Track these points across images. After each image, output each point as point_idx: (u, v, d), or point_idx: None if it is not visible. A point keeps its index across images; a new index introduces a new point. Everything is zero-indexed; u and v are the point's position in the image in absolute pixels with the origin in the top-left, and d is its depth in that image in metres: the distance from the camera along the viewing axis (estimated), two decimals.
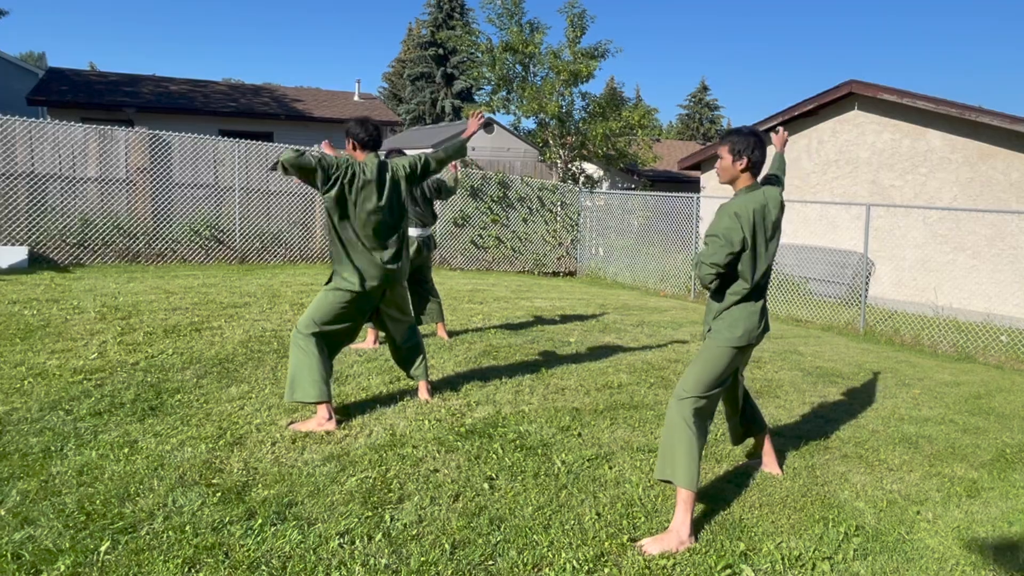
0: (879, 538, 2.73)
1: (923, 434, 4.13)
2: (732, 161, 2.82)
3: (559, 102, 12.73)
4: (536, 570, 2.32)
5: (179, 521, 2.44)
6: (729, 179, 2.87)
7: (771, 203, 2.83)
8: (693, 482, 2.58)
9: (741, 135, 2.82)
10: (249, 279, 8.03)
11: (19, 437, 3.05)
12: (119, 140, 8.93)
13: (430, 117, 37.39)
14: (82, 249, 8.57)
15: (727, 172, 2.85)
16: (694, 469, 2.59)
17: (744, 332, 2.74)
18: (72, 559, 2.16)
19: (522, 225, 11.98)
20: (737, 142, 2.81)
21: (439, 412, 3.77)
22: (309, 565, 2.24)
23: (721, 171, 2.87)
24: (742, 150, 2.81)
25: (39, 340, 4.61)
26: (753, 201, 2.77)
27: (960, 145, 9.64)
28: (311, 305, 3.50)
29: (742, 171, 2.83)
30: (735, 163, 2.82)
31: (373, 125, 3.57)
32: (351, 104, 18.05)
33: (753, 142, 2.80)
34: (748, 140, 2.80)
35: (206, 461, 2.96)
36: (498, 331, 5.94)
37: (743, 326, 2.74)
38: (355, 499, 2.71)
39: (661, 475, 2.66)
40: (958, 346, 7.61)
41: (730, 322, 2.75)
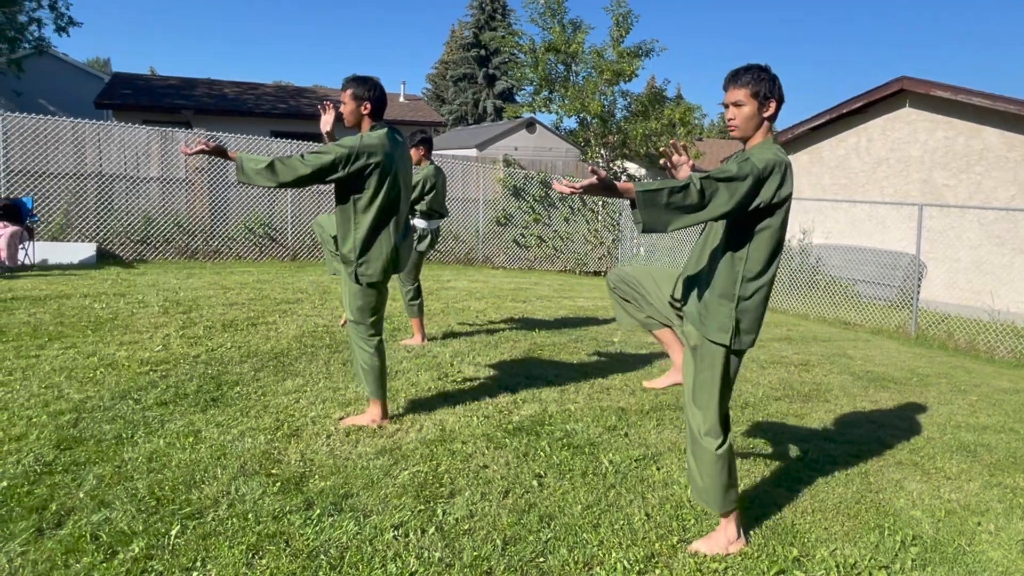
0: (938, 548, 2.68)
1: (982, 442, 4.00)
2: (757, 108, 2.26)
3: (601, 101, 12.69)
4: (587, 569, 2.35)
5: (242, 509, 2.56)
6: (751, 132, 2.29)
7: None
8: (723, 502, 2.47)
9: (760, 70, 2.26)
10: (301, 276, 8.26)
11: (93, 424, 3.22)
12: (179, 141, 9.28)
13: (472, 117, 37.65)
14: (145, 246, 8.95)
15: (750, 122, 2.26)
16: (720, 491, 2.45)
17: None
18: (145, 541, 2.28)
19: (564, 224, 11.99)
20: (759, 81, 2.24)
21: (487, 409, 3.83)
22: (366, 556, 2.32)
23: (742, 122, 2.27)
24: (770, 92, 2.25)
25: (108, 332, 4.85)
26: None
27: (1019, 143, 9.26)
28: (348, 308, 3.37)
29: (768, 119, 2.28)
30: (762, 109, 2.26)
31: (377, 83, 3.26)
32: (397, 105, 18.32)
33: (776, 79, 2.27)
34: (772, 78, 2.27)
35: (265, 452, 3.08)
36: (542, 330, 5.98)
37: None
38: (408, 492, 2.78)
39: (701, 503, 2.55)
40: (1017, 352, 7.33)
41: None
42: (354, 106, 3.25)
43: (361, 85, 3.25)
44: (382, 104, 3.29)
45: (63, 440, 3.01)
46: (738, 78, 2.28)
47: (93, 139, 8.77)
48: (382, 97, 3.29)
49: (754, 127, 2.28)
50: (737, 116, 2.28)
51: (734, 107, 2.28)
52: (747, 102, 2.25)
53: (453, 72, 39.32)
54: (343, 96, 3.27)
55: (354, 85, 3.24)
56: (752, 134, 2.29)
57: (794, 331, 7.68)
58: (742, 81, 2.26)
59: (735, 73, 2.30)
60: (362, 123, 3.30)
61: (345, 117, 3.31)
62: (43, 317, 5.17)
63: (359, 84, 3.25)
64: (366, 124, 3.30)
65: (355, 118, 3.28)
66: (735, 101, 2.27)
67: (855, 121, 11.10)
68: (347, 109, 3.26)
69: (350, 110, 3.26)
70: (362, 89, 3.24)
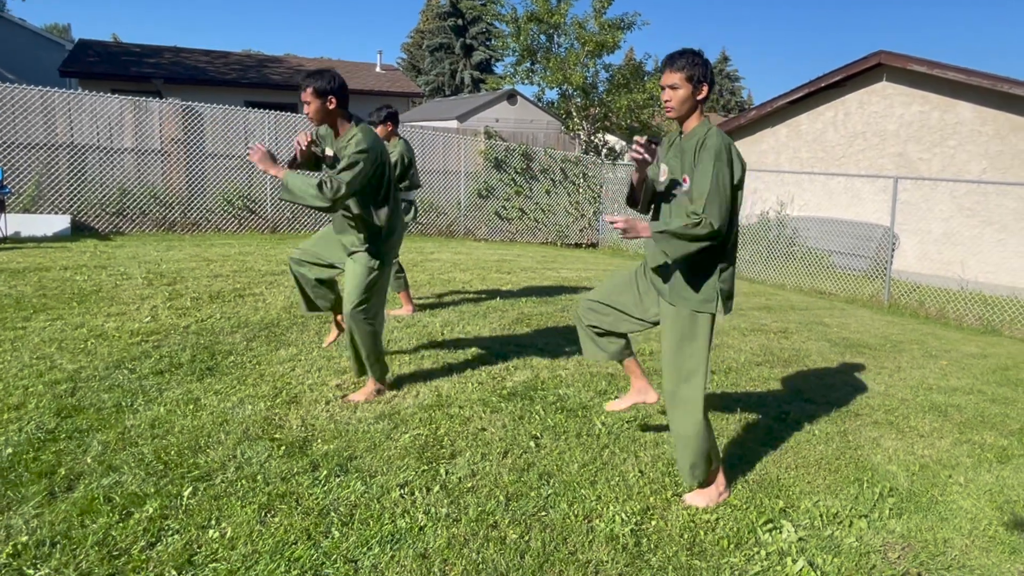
0: (913, 499, 2.84)
1: (952, 403, 4.21)
2: (692, 91, 2.39)
3: (583, 73, 12.65)
4: (587, 521, 2.47)
5: (250, 471, 2.61)
6: (687, 113, 2.43)
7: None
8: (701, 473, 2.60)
9: (694, 55, 2.39)
10: (283, 247, 8.20)
11: (91, 393, 3.23)
12: (153, 111, 9.07)
13: (449, 88, 37.17)
14: (121, 218, 8.79)
15: (685, 104, 2.40)
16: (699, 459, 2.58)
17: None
18: (158, 503, 2.33)
19: (545, 197, 12.02)
20: (693, 65, 2.37)
21: (480, 375, 3.91)
22: (375, 513, 2.40)
23: (677, 104, 2.40)
24: (703, 76, 2.39)
25: (94, 304, 4.80)
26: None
27: (991, 117, 9.50)
28: (357, 290, 3.29)
29: (700, 101, 2.42)
30: (696, 92, 2.40)
31: (335, 74, 3.16)
32: (373, 75, 18.03)
33: (708, 64, 2.41)
34: (705, 61, 2.39)
35: (266, 418, 3.13)
36: (528, 300, 6.07)
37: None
38: (410, 454, 2.86)
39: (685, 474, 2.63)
40: (984, 319, 7.62)
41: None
42: (319, 103, 3.09)
43: (320, 79, 3.08)
44: (346, 94, 3.16)
45: (63, 408, 3.02)
46: (673, 62, 2.40)
47: (63, 108, 8.52)
48: (344, 86, 3.16)
49: (688, 109, 2.42)
50: (673, 98, 2.41)
51: (670, 90, 2.41)
52: (682, 85, 2.38)
53: (429, 42, 38.68)
54: (304, 96, 3.08)
55: (313, 81, 3.07)
56: (687, 115, 2.44)
57: (772, 300, 7.88)
58: (677, 65, 2.39)
59: (671, 57, 2.42)
60: (334, 119, 3.17)
61: (312, 116, 3.14)
62: (24, 290, 5.09)
63: (318, 78, 3.08)
64: (338, 118, 3.17)
65: (323, 114, 3.13)
66: (671, 84, 2.40)
67: (833, 95, 11.25)
68: (312, 108, 3.10)
69: (315, 108, 3.10)
70: (322, 82, 3.07)
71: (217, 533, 2.19)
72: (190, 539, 2.15)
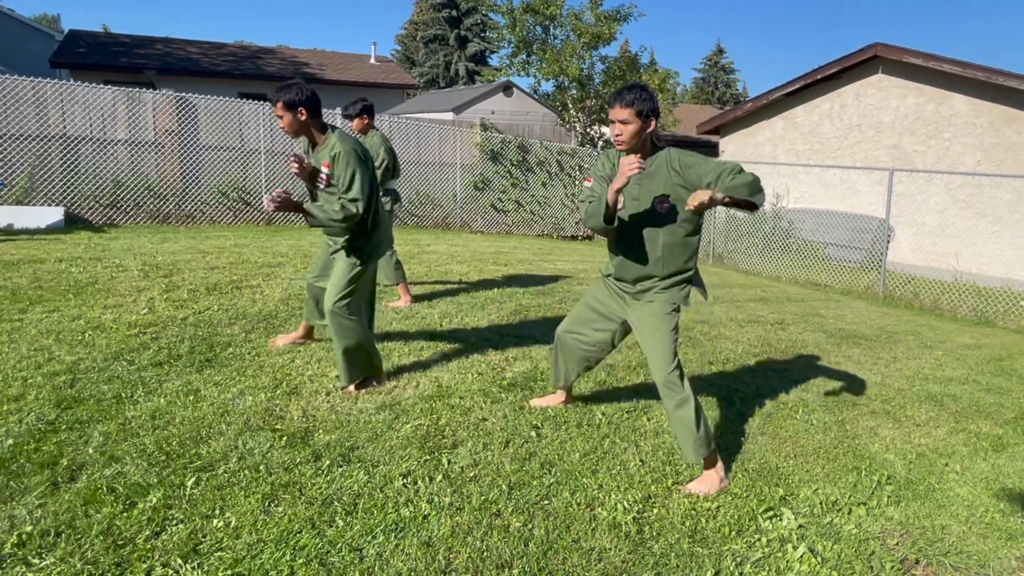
0: (910, 487, 2.87)
1: (947, 393, 4.24)
2: (641, 125, 2.53)
3: (579, 65, 12.62)
4: (589, 509, 2.48)
5: (252, 461, 2.62)
6: (639, 144, 2.58)
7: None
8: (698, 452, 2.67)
9: (642, 90, 2.51)
10: (278, 240, 8.18)
11: (91, 384, 3.22)
12: (146, 103, 9.00)
13: (444, 80, 37.01)
14: (115, 210, 8.73)
15: (637, 137, 2.54)
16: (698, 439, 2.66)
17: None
18: (162, 493, 2.33)
19: (541, 189, 12.01)
20: (642, 100, 2.50)
21: (479, 366, 3.92)
22: (378, 502, 2.40)
23: (628, 138, 2.55)
24: (652, 109, 2.51)
25: (90, 296, 4.78)
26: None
27: (986, 110, 9.54)
28: (340, 283, 3.35)
29: (650, 133, 2.58)
30: (645, 126, 2.54)
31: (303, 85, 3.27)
32: (368, 67, 17.94)
33: (655, 97, 2.58)
34: (652, 96, 2.54)
35: (267, 409, 3.13)
36: (526, 292, 6.07)
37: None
38: (412, 444, 2.87)
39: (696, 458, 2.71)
40: (978, 311, 7.68)
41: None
42: (291, 116, 3.21)
43: (288, 91, 3.19)
44: (317, 103, 3.27)
45: (62, 400, 3.01)
46: (622, 98, 2.51)
47: (56, 99, 8.45)
48: (314, 96, 3.26)
49: (640, 142, 2.56)
50: (624, 132, 2.54)
51: (620, 124, 2.53)
52: (632, 120, 2.51)
53: (423, 33, 38.46)
54: (276, 110, 3.22)
55: (283, 95, 3.19)
56: (639, 147, 2.58)
57: (768, 292, 7.92)
58: (626, 101, 2.50)
59: (619, 94, 2.54)
60: (308, 129, 3.30)
61: (287, 130, 3.26)
62: (20, 281, 5.06)
63: (287, 91, 3.19)
64: (312, 128, 3.30)
65: (296, 126, 3.25)
66: (621, 119, 2.52)
67: (829, 87, 11.27)
68: (285, 121, 3.22)
69: (288, 121, 3.22)
70: (291, 95, 3.18)
71: (221, 522, 2.20)
72: (194, 528, 2.16)
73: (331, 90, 16.20)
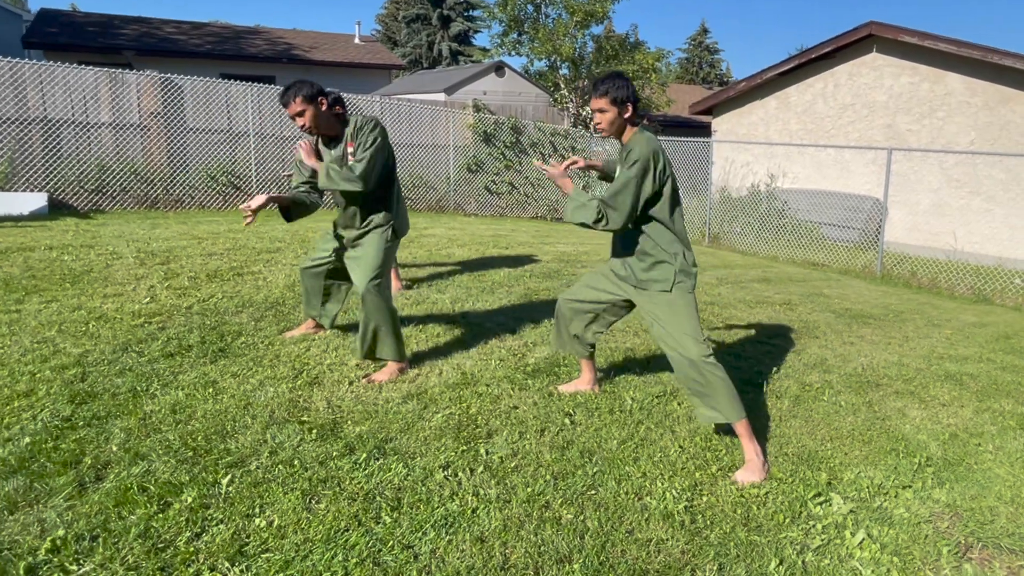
0: (950, 468, 2.85)
1: (965, 372, 4.25)
2: (618, 112, 2.64)
3: (572, 44, 12.44)
4: (638, 499, 2.42)
5: (285, 456, 2.51)
6: (617, 132, 2.70)
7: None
8: (742, 411, 2.67)
9: (616, 79, 2.66)
10: (273, 224, 7.98)
11: (103, 378, 3.08)
12: (130, 84, 8.68)
13: (427, 61, 36.45)
14: (100, 195, 8.46)
15: (614, 124, 2.67)
16: (737, 401, 2.66)
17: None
18: (196, 491, 2.23)
19: (535, 171, 11.87)
20: (617, 89, 2.63)
21: (500, 352, 3.84)
22: (423, 496, 2.32)
23: (607, 125, 2.67)
24: (626, 96, 2.64)
25: (88, 285, 4.60)
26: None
27: (980, 89, 9.57)
28: (374, 261, 3.30)
29: (628, 119, 2.68)
30: (622, 112, 2.65)
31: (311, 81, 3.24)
32: (352, 47, 17.56)
33: (630, 84, 2.68)
34: (626, 83, 2.65)
35: (291, 400, 3.02)
36: (532, 275, 5.98)
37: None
38: (446, 434, 2.78)
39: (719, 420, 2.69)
40: (975, 289, 7.75)
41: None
42: (313, 109, 3.11)
43: (301, 87, 3.10)
44: (324, 92, 3.19)
45: (75, 395, 2.88)
46: (597, 89, 2.64)
47: (35, 81, 8.11)
48: (323, 89, 3.20)
49: (619, 127, 2.68)
50: (603, 120, 2.66)
51: (599, 113, 2.65)
52: (608, 108, 2.63)
53: (405, 12, 37.75)
54: (294, 108, 3.09)
55: (297, 91, 3.08)
56: (619, 133, 2.70)
57: (769, 272, 7.91)
58: (601, 91, 2.63)
59: (595, 85, 2.68)
60: (332, 121, 3.21)
61: (310, 127, 3.14)
62: (11, 271, 4.86)
63: (300, 87, 3.09)
64: (337, 119, 3.23)
65: (321, 118, 3.16)
66: (599, 108, 2.65)
67: (823, 67, 11.23)
68: (308, 117, 3.11)
69: (311, 115, 3.11)
70: (306, 89, 3.09)
71: (264, 522, 2.10)
72: (237, 529, 2.06)
73: (318, 71, 15.84)
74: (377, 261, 3.32)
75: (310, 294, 3.80)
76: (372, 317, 3.29)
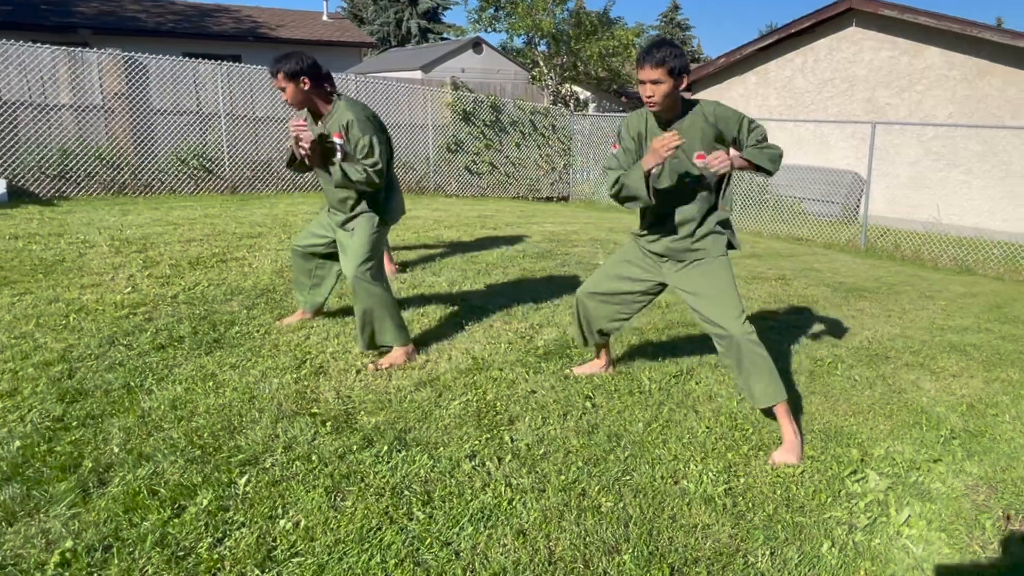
0: (974, 439, 2.83)
1: (967, 342, 4.26)
2: (674, 84, 2.37)
3: (552, 20, 12.20)
4: (675, 483, 2.34)
5: (301, 452, 2.37)
6: (670, 105, 2.44)
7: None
8: (783, 391, 2.57)
9: (671, 46, 2.37)
10: (250, 209, 7.69)
11: (93, 374, 2.88)
12: (91, 63, 8.24)
13: (395, 39, 35.65)
14: (64, 181, 8.04)
15: (670, 97, 2.40)
16: (779, 380, 2.57)
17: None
18: (211, 493, 2.07)
19: (515, 150, 11.69)
20: (674, 58, 2.34)
21: (507, 335, 3.72)
22: (453, 488, 2.20)
23: (660, 98, 2.39)
24: (683, 66, 2.37)
25: (62, 275, 4.34)
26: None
27: (959, 62, 9.65)
28: (362, 248, 3.15)
29: (682, 92, 2.43)
30: (677, 84, 2.39)
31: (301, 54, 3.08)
32: (320, 24, 17.03)
33: (684, 53, 2.42)
34: (681, 51, 2.39)
35: (297, 391, 2.86)
36: (525, 256, 5.86)
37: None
38: (467, 423, 2.66)
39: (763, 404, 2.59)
40: (958, 259, 7.86)
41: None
42: (294, 87, 2.97)
43: (288, 61, 2.96)
44: (319, 70, 3.05)
45: (65, 393, 2.68)
46: (651, 57, 2.34)
47: None
48: (316, 64, 3.04)
49: (672, 101, 2.42)
50: (656, 93, 2.38)
51: (652, 85, 2.37)
52: (665, 79, 2.35)
53: None
54: (278, 83, 2.97)
55: (283, 65, 2.95)
56: (670, 106, 2.45)
57: (757, 248, 7.91)
58: (656, 60, 2.33)
59: (647, 53, 2.37)
60: (312, 100, 3.05)
61: (291, 102, 3.02)
62: None
63: (287, 61, 2.96)
64: (317, 99, 3.06)
65: (300, 97, 3.01)
66: (653, 79, 2.36)
67: (802, 41, 11.21)
68: (288, 93, 2.99)
69: (291, 92, 2.98)
70: (291, 64, 2.95)
71: (289, 523, 1.96)
72: (261, 532, 1.91)
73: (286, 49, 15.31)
74: (366, 247, 3.17)
75: (300, 275, 3.63)
76: (365, 304, 3.16)
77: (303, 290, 3.68)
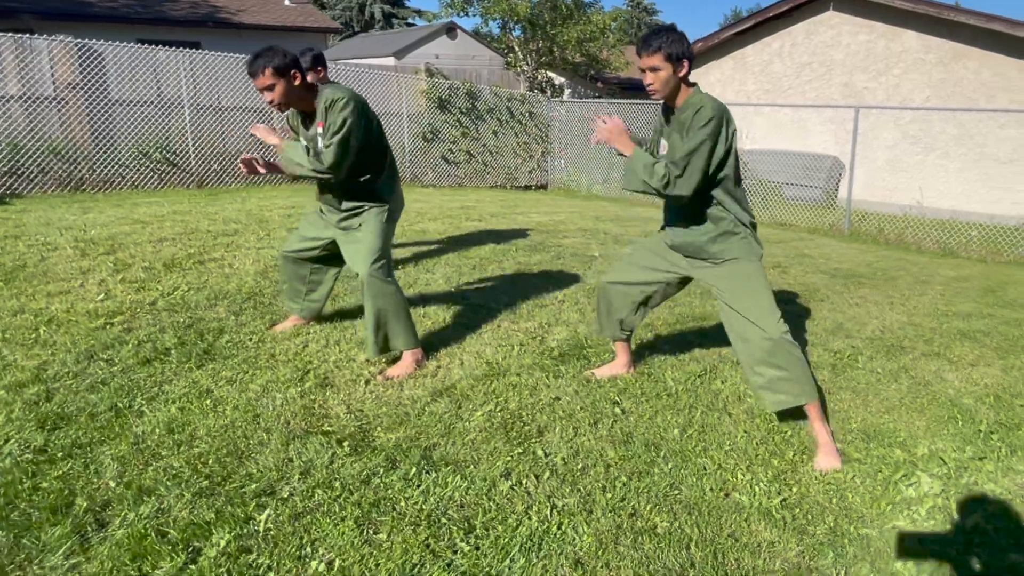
0: (1012, 434, 2.76)
1: (975, 329, 4.23)
2: (673, 70, 2.32)
3: (528, 3, 11.92)
4: (726, 496, 2.19)
5: (321, 477, 2.15)
6: (671, 92, 2.39)
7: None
8: (815, 391, 2.49)
9: (670, 32, 2.33)
10: (221, 204, 7.31)
11: (74, 395, 2.60)
12: (41, 51, 7.70)
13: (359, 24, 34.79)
14: (15, 178, 7.52)
15: (668, 84, 2.34)
16: (812, 380, 2.48)
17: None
18: (228, 532, 1.85)
19: (492, 138, 11.44)
20: (671, 44, 2.30)
21: (517, 336, 3.53)
22: (494, 514, 2.01)
23: (660, 85, 2.34)
24: (682, 52, 2.32)
25: (25, 282, 3.99)
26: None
27: (935, 45, 9.72)
28: (374, 244, 2.95)
29: (683, 78, 2.37)
30: (677, 70, 2.33)
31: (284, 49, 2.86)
32: (282, 9, 16.42)
33: (685, 38, 2.35)
34: (681, 37, 2.33)
35: (304, 407, 2.63)
36: (518, 249, 5.67)
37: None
38: (494, 436, 2.47)
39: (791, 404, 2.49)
40: (941, 242, 7.94)
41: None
42: (284, 83, 2.68)
43: (272, 56, 2.65)
44: (297, 63, 2.76)
45: (44, 419, 2.40)
46: (650, 44, 2.32)
47: None
48: (297, 58, 2.78)
49: (673, 88, 2.37)
50: (655, 80, 2.35)
51: (651, 72, 2.34)
52: (663, 66, 2.32)
53: None
54: (263, 81, 2.65)
55: (266, 60, 2.64)
56: (673, 94, 2.40)
57: None
58: (654, 47, 2.31)
59: (646, 39, 2.34)
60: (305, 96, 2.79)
61: (279, 103, 2.71)
62: None
63: (270, 56, 2.65)
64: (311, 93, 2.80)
65: (293, 94, 2.74)
66: (651, 67, 2.33)
67: (779, 25, 11.17)
68: (277, 92, 2.67)
69: (281, 91, 2.68)
70: (278, 59, 2.65)
71: (322, 564, 1.75)
72: None
73: (249, 36, 14.71)
74: (378, 243, 2.97)
75: (292, 282, 3.38)
76: (379, 304, 2.94)
77: (297, 298, 3.42)
